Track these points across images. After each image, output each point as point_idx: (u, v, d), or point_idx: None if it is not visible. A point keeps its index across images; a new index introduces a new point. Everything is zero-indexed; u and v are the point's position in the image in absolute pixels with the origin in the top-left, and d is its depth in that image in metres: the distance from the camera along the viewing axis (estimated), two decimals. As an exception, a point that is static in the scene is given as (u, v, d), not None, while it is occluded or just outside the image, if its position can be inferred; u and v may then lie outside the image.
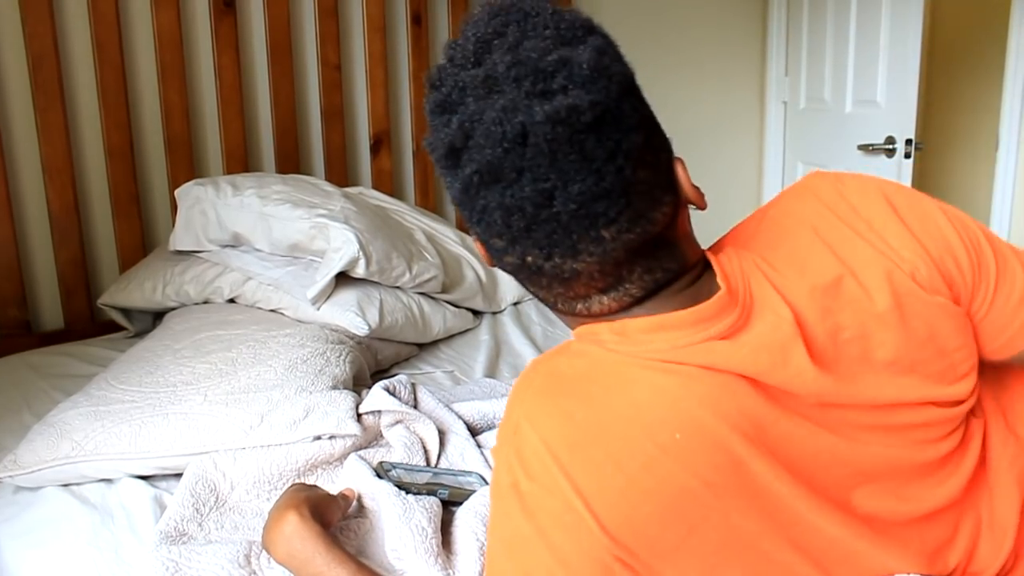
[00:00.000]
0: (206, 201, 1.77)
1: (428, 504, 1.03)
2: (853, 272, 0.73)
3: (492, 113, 0.64)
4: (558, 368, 0.73)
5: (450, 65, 0.69)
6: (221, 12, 2.08)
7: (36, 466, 1.20)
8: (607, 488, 0.66)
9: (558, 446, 0.67)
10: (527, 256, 0.69)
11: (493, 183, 0.65)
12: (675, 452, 0.66)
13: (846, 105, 3.08)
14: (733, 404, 0.68)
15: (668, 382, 0.68)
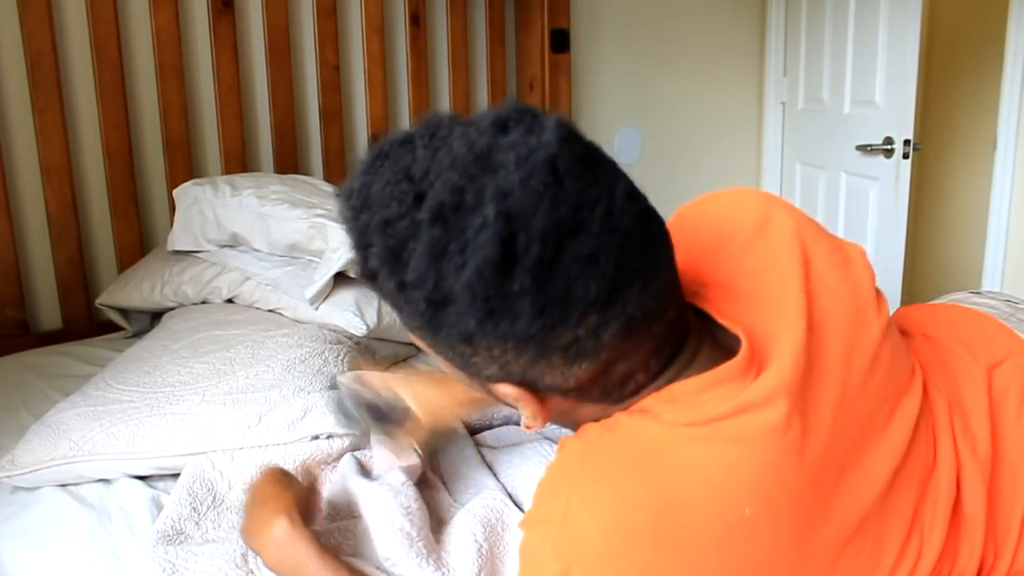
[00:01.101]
0: (204, 201, 1.77)
1: (409, 506, 1.02)
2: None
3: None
4: (615, 448, 0.67)
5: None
6: (219, 12, 2.08)
7: (34, 466, 1.20)
8: (671, 573, 0.63)
9: (621, 533, 0.63)
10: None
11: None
12: (744, 528, 0.63)
13: (844, 106, 3.08)
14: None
15: (735, 454, 0.64)
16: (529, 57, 2.63)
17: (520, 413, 0.71)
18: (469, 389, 0.74)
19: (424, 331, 0.66)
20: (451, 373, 0.72)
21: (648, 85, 3.08)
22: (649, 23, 3.03)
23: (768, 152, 3.48)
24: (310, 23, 2.25)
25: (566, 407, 0.71)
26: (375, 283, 0.65)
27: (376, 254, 0.63)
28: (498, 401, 0.74)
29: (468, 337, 0.63)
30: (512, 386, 0.68)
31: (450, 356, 0.68)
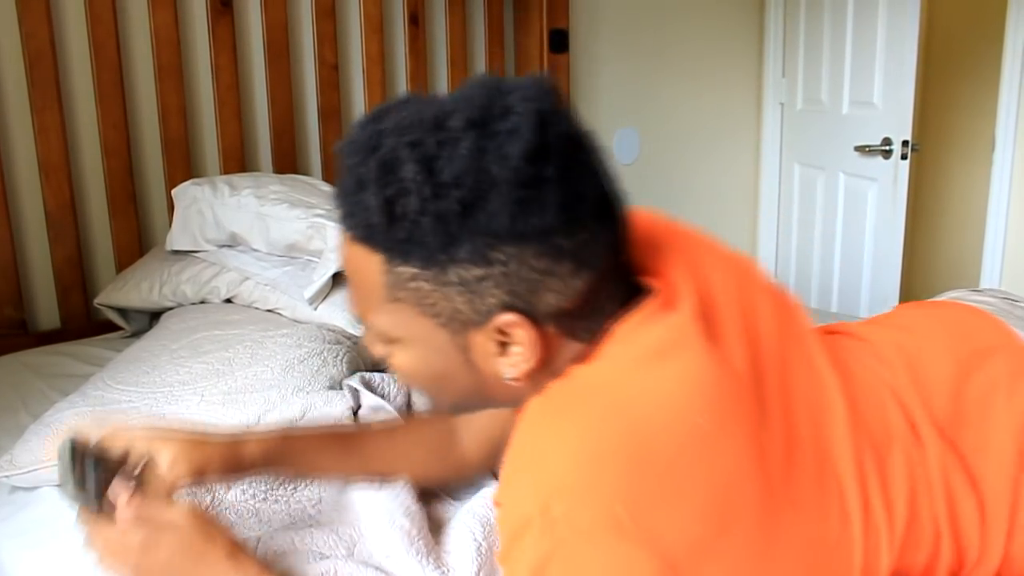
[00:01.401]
0: (203, 201, 1.77)
1: (408, 506, 1.03)
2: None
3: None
4: (571, 391, 0.72)
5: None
6: (218, 12, 2.08)
7: (32, 466, 1.19)
8: (644, 490, 0.66)
9: (592, 460, 0.66)
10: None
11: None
12: (700, 438, 0.68)
13: (843, 106, 3.09)
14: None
15: (677, 373, 0.70)
16: (528, 57, 2.63)
17: (502, 370, 0.74)
18: (441, 370, 0.76)
19: (438, 260, 0.68)
20: (430, 344, 0.74)
21: (647, 86, 3.08)
22: (648, 24, 3.03)
23: (767, 153, 3.48)
24: (309, 23, 2.25)
25: (553, 345, 0.73)
26: (387, 221, 0.67)
27: (402, 177, 0.66)
28: (467, 376, 0.76)
29: (493, 241, 0.67)
30: (514, 314, 0.70)
31: (452, 297, 0.70)
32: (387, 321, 0.74)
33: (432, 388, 0.81)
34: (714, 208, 3.42)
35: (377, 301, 0.73)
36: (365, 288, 0.73)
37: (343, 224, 0.72)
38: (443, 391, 0.80)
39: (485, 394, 0.79)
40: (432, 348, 0.74)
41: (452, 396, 0.81)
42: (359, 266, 0.72)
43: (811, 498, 0.74)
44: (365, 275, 0.72)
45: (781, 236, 3.54)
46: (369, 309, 0.75)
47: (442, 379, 0.77)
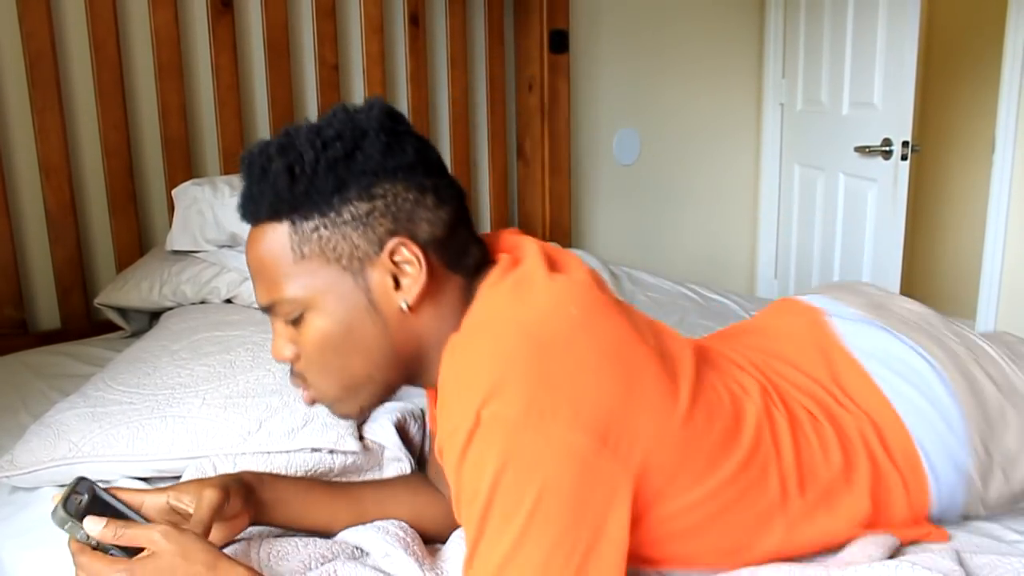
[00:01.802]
0: (203, 201, 1.77)
1: (401, 524, 1.04)
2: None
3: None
4: (473, 321, 0.87)
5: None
6: (219, 12, 2.08)
7: (33, 467, 1.19)
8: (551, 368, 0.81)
9: (504, 356, 0.80)
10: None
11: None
12: (579, 324, 0.84)
13: (843, 107, 3.09)
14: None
15: (552, 288, 0.87)
16: (528, 58, 2.63)
17: (397, 297, 0.87)
18: (349, 321, 0.87)
19: (333, 204, 0.84)
20: (337, 292, 0.86)
21: (647, 86, 3.08)
22: (648, 24, 3.03)
23: (767, 153, 3.48)
24: (309, 23, 2.25)
25: (437, 275, 0.88)
26: (290, 181, 0.84)
27: (297, 145, 0.85)
28: (373, 325, 0.87)
29: (373, 178, 0.85)
30: (399, 237, 0.85)
31: (349, 234, 0.85)
32: (297, 284, 0.86)
33: (343, 349, 0.88)
34: (714, 209, 3.42)
35: (286, 267, 0.86)
36: (274, 262, 0.86)
37: (252, 215, 0.88)
38: (354, 351, 0.88)
39: (391, 346, 0.88)
40: (339, 296, 0.86)
41: (363, 357, 0.88)
42: (267, 245, 0.86)
43: (695, 371, 0.91)
44: (273, 250, 0.86)
45: (781, 237, 3.54)
46: (278, 282, 0.86)
47: (352, 333, 0.87)
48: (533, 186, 2.71)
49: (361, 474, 1.20)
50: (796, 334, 1.11)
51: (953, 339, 1.11)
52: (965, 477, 1.03)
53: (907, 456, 1.01)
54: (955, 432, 1.02)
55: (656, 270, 2.69)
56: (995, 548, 1.01)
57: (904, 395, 1.03)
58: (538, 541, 0.78)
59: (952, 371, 1.06)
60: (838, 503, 0.96)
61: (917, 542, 1.01)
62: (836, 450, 0.98)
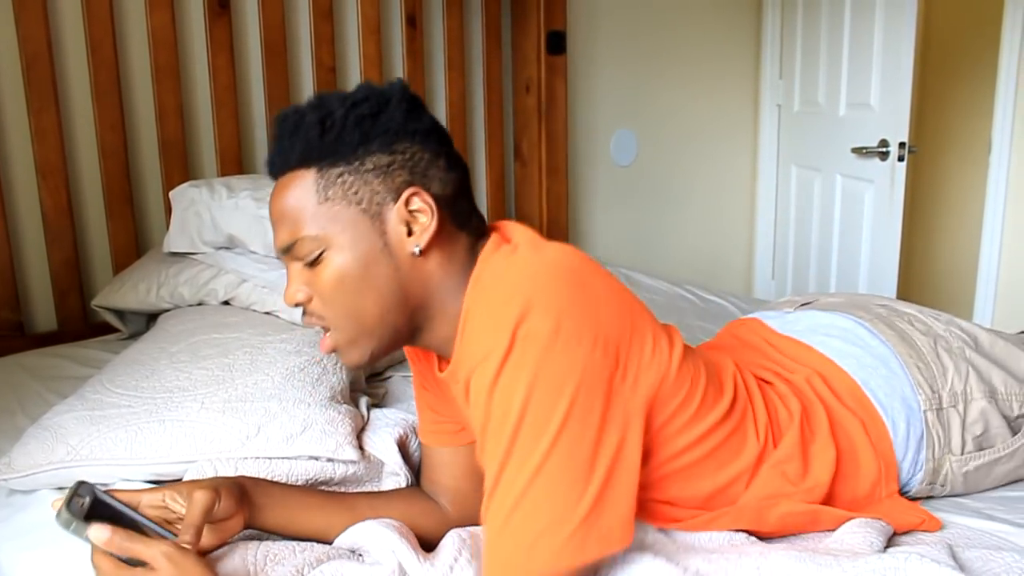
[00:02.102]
0: (200, 203, 1.76)
1: (394, 523, 1.05)
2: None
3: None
4: (498, 259, 0.96)
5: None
6: (216, 13, 2.07)
7: (30, 469, 1.19)
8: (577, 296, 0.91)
9: (544, 275, 0.91)
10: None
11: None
12: (584, 272, 0.93)
13: (840, 108, 3.09)
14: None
15: (558, 248, 0.96)
16: (525, 59, 2.63)
17: (409, 243, 0.94)
18: (365, 261, 0.94)
19: (358, 154, 0.93)
20: (355, 231, 0.93)
21: (644, 87, 3.08)
22: (646, 26, 3.04)
23: (764, 154, 3.49)
24: (306, 24, 2.25)
25: (446, 228, 0.96)
26: (320, 131, 0.92)
27: (329, 102, 0.94)
28: (386, 267, 0.94)
29: (394, 136, 0.94)
30: (415, 187, 0.93)
31: (371, 181, 0.93)
32: (318, 224, 0.93)
33: (358, 288, 0.94)
34: (712, 209, 3.43)
35: (310, 209, 0.93)
36: (299, 205, 0.93)
37: (282, 164, 0.96)
38: (367, 290, 0.94)
39: (402, 289, 0.95)
40: (357, 235, 0.93)
41: (376, 296, 0.94)
42: (293, 191, 0.94)
43: (679, 336, 1.00)
44: (300, 192, 0.94)
45: (778, 237, 3.54)
46: (301, 222, 0.93)
47: (366, 271, 0.93)
48: (530, 187, 2.71)
49: (360, 485, 1.20)
50: (742, 339, 1.25)
51: (877, 307, 1.24)
52: (919, 415, 1.11)
53: (855, 397, 1.11)
54: (895, 372, 1.13)
55: (653, 271, 2.70)
56: (987, 541, 1.02)
57: (838, 349, 1.16)
58: (565, 460, 0.84)
59: (879, 325, 1.18)
60: (810, 450, 1.05)
61: (911, 532, 1.04)
62: (793, 400, 1.08)
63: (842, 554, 0.93)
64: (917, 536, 1.03)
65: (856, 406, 1.10)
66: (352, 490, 1.18)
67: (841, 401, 1.10)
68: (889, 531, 1.01)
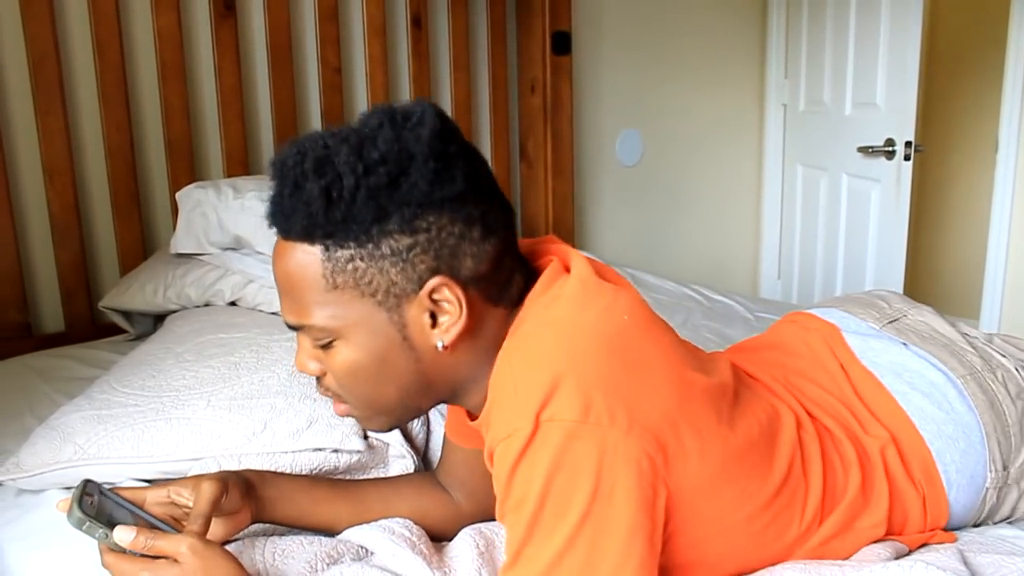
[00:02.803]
0: (207, 204, 1.77)
1: (407, 523, 1.04)
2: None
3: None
4: (528, 328, 0.85)
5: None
6: (221, 15, 2.08)
7: (38, 469, 1.19)
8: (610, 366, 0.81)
9: (574, 348, 0.81)
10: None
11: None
12: (630, 329, 0.84)
13: (846, 107, 3.09)
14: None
15: (604, 301, 0.85)
16: (531, 59, 2.63)
17: (436, 340, 0.84)
18: (381, 354, 0.84)
19: (372, 235, 0.79)
20: (370, 326, 0.82)
21: (649, 87, 3.08)
22: (651, 26, 3.03)
23: (769, 154, 3.48)
24: (312, 25, 2.25)
25: (476, 311, 0.84)
26: (325, 205, 0.78)
27: (336, 164, 0.78)
28: (406, 359, 0.85)
29: (417, 210, 0.79)
30: (442, 277, 0.81)
31: (387, 270, 0.80)
32: (327, 313, 0.82)
33: (374, 379, 0.86)
34: (717, 209, 3.42)
35: (317, 294, 0.81)
36: (304, 286, 0.82)
37: (282, 229, 0.82)
38: (385, 381, 0.86)
39: (425, 378, 0.86)
40: (372, 330, 0.83)
41: (394, 387, 0.86)
42: (298, 265, 0.81)
43: (734, 394, 0.90)
44: (304, 271, 0.81)
45: (784, 237, 3.54)
46: (308, 308, 0.82)
47: (383, 365, 0.84)
48: (536, 187, 2.71)
49: (366, 472, 1.20)
50: (814, 351, 1.10)
51: (970, 351, 1.10)
52: (982, 493, 1.02)
53: (926, 471, 1.00)
54: (974, 447, 1.01)
55: (659, 271, 2.69)
56: (999, 547, 1.01)
57: (922, 409, 1.02)
58: (587, 548, 0.77)
59: (971, 384, 1.05)
60: (857, 524, 0.95)
61: (924, 544, 1.02)
62: (856, 469, 0.97)
63: (847, 565, 0.93)
64: (930, 545, 1.01)
65: (923, 479, 0.99)
66: (358, 477, 1.18)
67: (909, 474, 0.99)
68: (903, 549, 0.98)
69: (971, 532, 1.06)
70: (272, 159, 0.82)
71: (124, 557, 0.86)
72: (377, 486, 1.10)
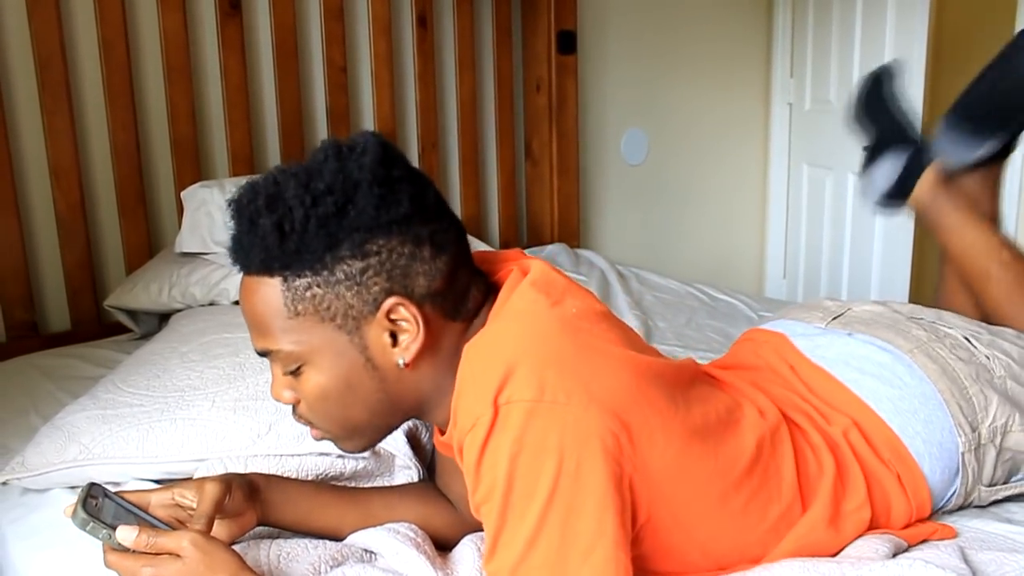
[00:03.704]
0: (212, 203, 1.77)
1: (411, 526, 1.05)
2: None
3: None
4: (475, 342, 0.86)
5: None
6: (227, 14, 2.08)
7: (44, 468, 1.20)
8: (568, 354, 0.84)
9: (531, 334, 0.84)
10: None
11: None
12: (588, 325, 0.87)
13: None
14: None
15: (568, 304, 0.89)
16: (536, 58, 2.63)
17: (397, 358, 0.87)
18: (347, 377, 0.87)
19: (326, 262, 0.83)
20: (333, 349, 0.86)
21: (655, 86, 3.08)
22: (656, 24, 3.03)
23: (775, 153, 3.48)
24: (317, 25, 2.26)
25: (435, 327, 0.87)
26: (279, 239, 0.82)
27: (286, 199, 0.82)
28: (370, 379, 0.88)
29: (367, 235, 0.82)
30: (397, 297, 0.84)
31: (343, 294, 0.84)
32: (292, 340, 0.85)
33: (343, 402, 0.89)
34: (723, 208, 3.42)
35: (281, 322, 0.85)
36: (267, 317, 0.85)
37: (243, 265, 0.87)
38: (353, 403, 0.89)
39: (390, 396, 0.89)
40: (335, 353, 0.86)
41: (362, 407, 0.89)
42: (260, 298, 0.85)
43: (692, 380, 0.94)
44: (266, 303, 0.85)
45: (790, 236, 3.53)
46: (273, 335, 0.86)
47: (349, 387, 0.88)
48: (541, 186, 2.71)
49: (371, 480, 1.20)
50: (766, 361, 1.14)
51: (915, 327, 1.15)
52: (958, 459, 1.05)
53: (893, 448, 1.03)
54: (935, 415, 1.05)
55: (664, 270, 2.69)
56: (1001, 543, 1.01)
57: (875, 391, 1.06)
58: (561, 526, 0.78)
59: (919, 357, 1.09)
60: (842, 508, 0.97)
61: (925, 540, 1.02)
62: (826, 452, 1.00)
63: (846, 561, 0.92)
64: (931, 542, 1.01)
65: (893, 458, 1.02)
66: (363, 485, 1.18)
67: (878, 455, 1.02)
68: (902, 544, 0.99)
69: (972, 528, 1.06)
70: (228, 199, 0.88)
71: (127, 555, 0.87)
72: (382, 493, 1.11)
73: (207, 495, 0.93)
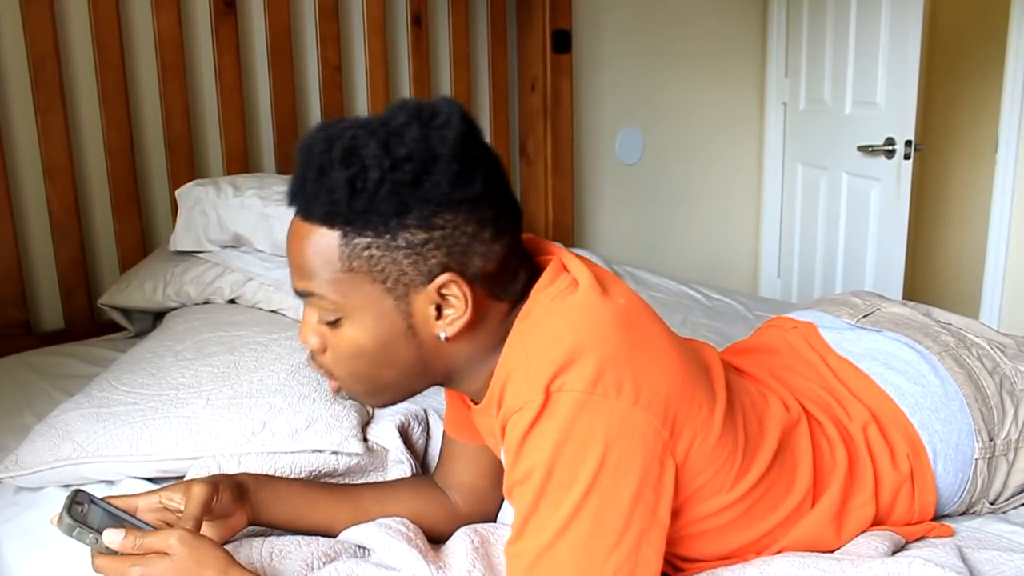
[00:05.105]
0: (207, 202, 1.77)
1: (404, 520, 1.05)
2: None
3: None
4: (536, 313, 0.88)
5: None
6: (222, 13, 2.08)
7: (37, 467, 1.20)
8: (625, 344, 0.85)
9: (590, 324, 0.85)
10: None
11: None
12: (634, 313, 0.88)
13: (846, 106, 3.08)
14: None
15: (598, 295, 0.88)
16: (531, 58, 2.63)
17: (439, 331, 0.87)
18: (384, 339, 0.87)
19: (390, 227, 0.82)
20: (377, 310, 0.85)
21: (650, 86, 3.08)
22: (651, 24, 3.03)
23: (769, 153, 3.48)
24: (312, 24, 2.25)
25: (481, 306, 0.87)
26: (349, 195, 0.80)
27: (363, 156, 0.80)
28: (407, 345, 0.87)
29: (436, 208, 0.82)
30: (451, 274, 0.84)
31: (400, 260, 0.83)
32: (338, 292, 0.84)
33: (375, 362, 0.88)
34: (717, 208, 3.42)
35: (330, 273, 0.84)
36: (317, 265, 0.84)
37: (303, 209, 0.84)
38: (385, 364, 0.88)
39: (423, 363, 0.89)
40: (378, 315, 0.85)
41: (393, 370, 0.89)
42: (313, 246, 0.84)
43: (726, 378, 0.94)
44: (319, 253, 0.84)
45: (784, 236, 3.54)
46: (319, 285, 0.85)
47: (385, 349, 0.87)
48: (536, 186, 2.71)
49: (364, 475, 1.20)
50: (793, 347, 1.16)
51: (944, 333, 1.15)
52: (971, 464, 1.05)
53: (911, 443, 1.04)
54: (955, 416, 1.05)
55: (659, 270, 2.69)
56: (997, 543, 1.01)
57: (899, 386, 1.07)
58: (592, 521, 0.79)
59: (947, 359, 1.10)
60: (849, 504, 0.99)
61: (922, 538, 1.03)
62: (841, 447, 1.00)
63: (846, 559, 0.93)
64: (927, 540, 1.02)
65: (909, 451, 1.03)
66: (357, 480, 1.18)
67: (893, 455, 1.02)
68: (900, 541, 0.99)
69: (969, 528, 1.06)
70: (299, 142, 0.85)
71: (114, 558, 0.87)
72: (373, 489, 1.11)
73: (194, 497, 0.93)
